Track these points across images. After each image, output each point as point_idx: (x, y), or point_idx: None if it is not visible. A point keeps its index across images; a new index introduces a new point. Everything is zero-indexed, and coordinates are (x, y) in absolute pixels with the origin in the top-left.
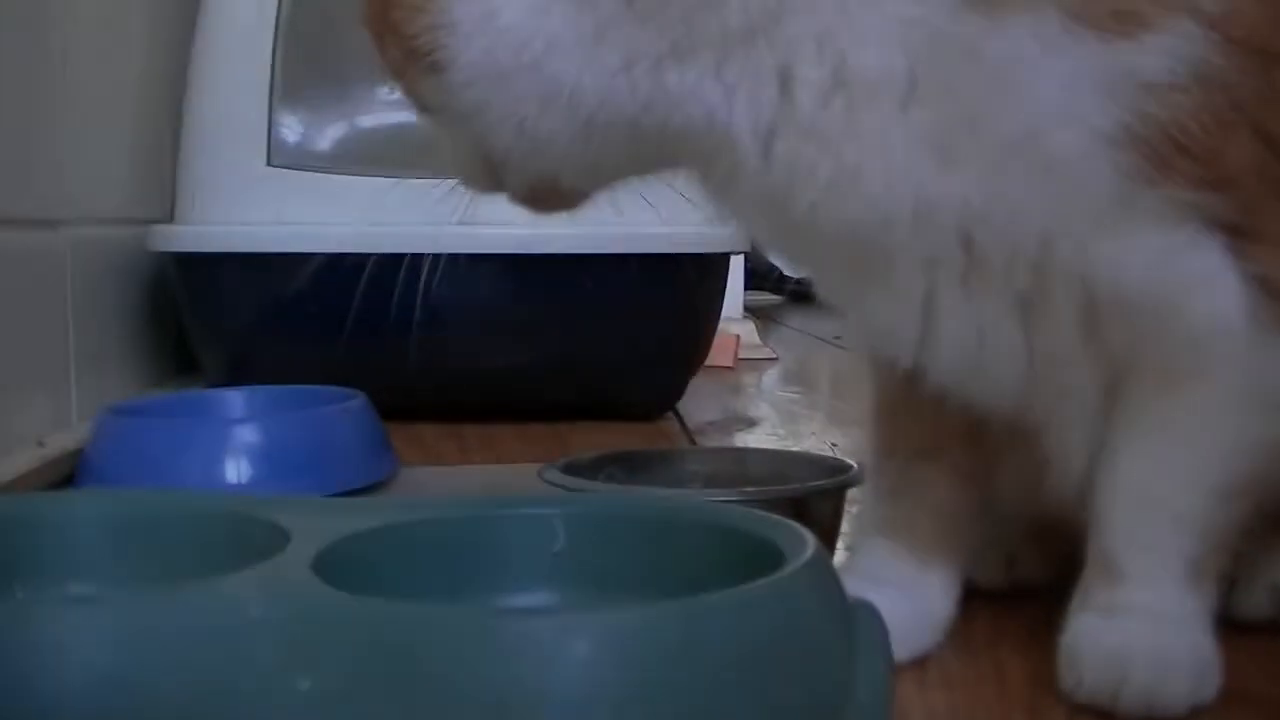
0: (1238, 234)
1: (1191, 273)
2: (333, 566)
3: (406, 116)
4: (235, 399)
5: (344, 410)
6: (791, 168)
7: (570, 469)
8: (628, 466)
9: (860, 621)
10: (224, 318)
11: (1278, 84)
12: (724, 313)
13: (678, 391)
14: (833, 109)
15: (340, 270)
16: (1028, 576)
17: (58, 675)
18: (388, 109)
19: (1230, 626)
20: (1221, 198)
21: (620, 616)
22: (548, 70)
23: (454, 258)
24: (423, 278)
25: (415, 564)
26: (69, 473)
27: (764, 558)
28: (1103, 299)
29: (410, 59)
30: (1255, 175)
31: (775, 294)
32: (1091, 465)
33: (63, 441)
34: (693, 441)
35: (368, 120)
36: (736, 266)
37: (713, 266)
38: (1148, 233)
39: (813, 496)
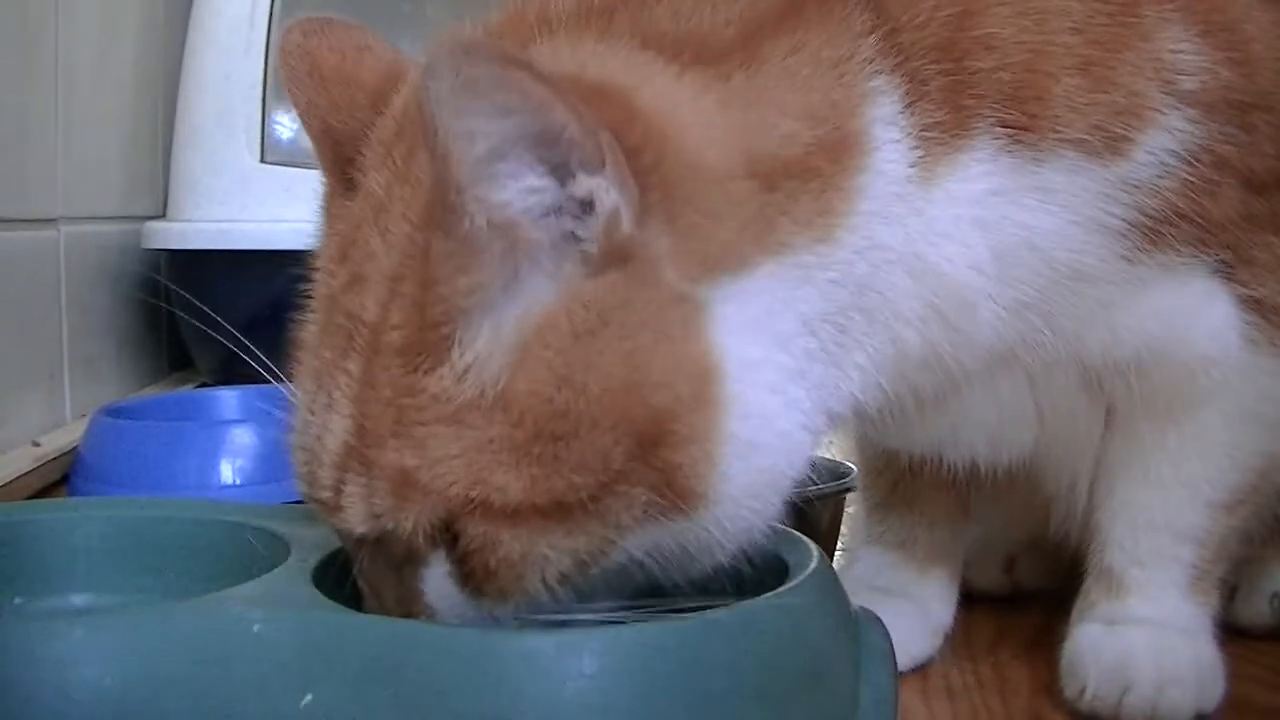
0: (1226, 262)
1: (1188, 304)
2: (333, 577)
3: None
4: (230, 399)
5: None
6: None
7: None
8: None
9: (865, 631)
10: (218, 315)
11: (1256, 126)
12: None
13: None
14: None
15: None
16: (1028, 580)
17: (61, 691)
18: None
19: (1233, 634)
20: (1211, 244)
21: (624, 635)
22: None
23: None
24: None
25: None
26: (64, 473)
27: (769, 567)
28: (1098, 362)
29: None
30: (1241, 217)
31: None
32: (1091, 487)
33: (58, 441)
34: None
35: None
36: None
37: None
38: (1145, 288)
39: (813, 500)
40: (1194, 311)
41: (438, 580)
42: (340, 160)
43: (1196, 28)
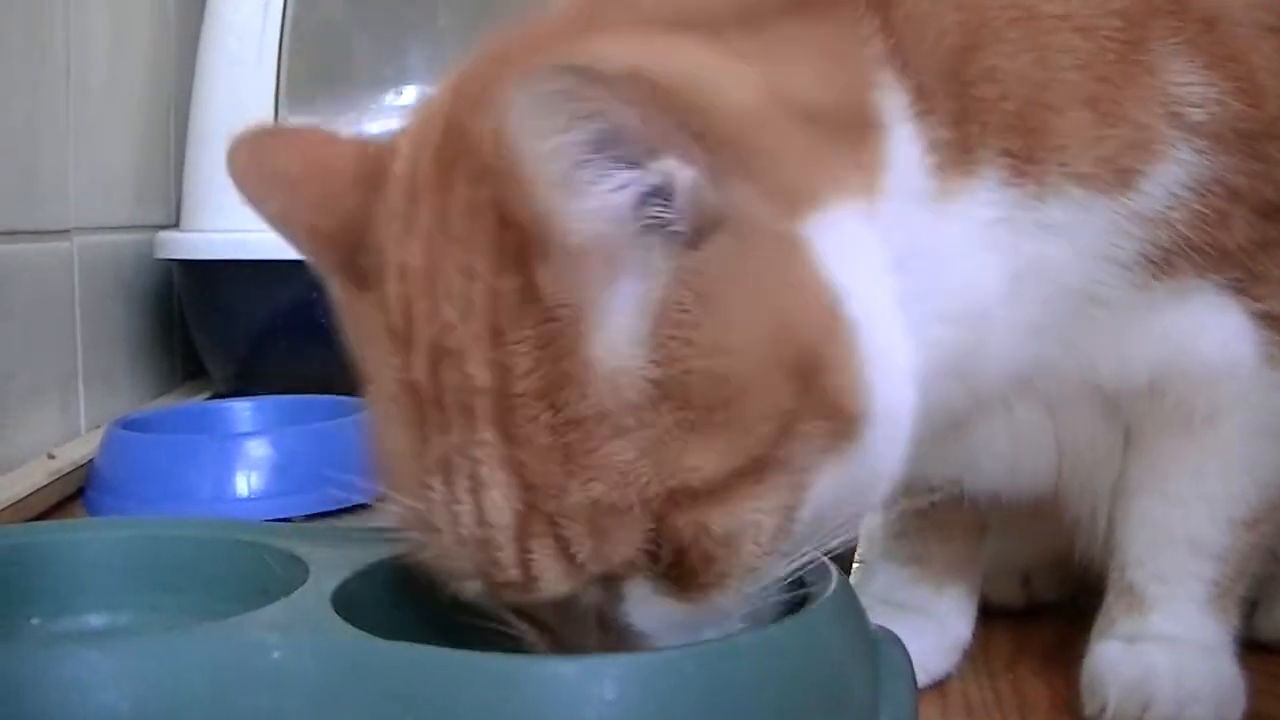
0: (1239, 280)
1: (1194, 319)
2: (353, 600)
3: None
4: (244, 411)
5: (355, 422)
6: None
7: None
8: None
9: (884, 650)
10: (231, 325)
11: (1268, 154)
12: None
13: None
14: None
15: None
16: (1044, 593)
17: (75, 715)
18: (392, 114)
19: (1253, 650)
20: (1224, 269)
21: (644, 659)
22: None
23: None
24: None
25: (437, 594)
26: (79, 486)
27: (789, 586)
28: (1111, 385)
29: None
30: (1254, 243)
31: None
32: (1111, 504)
33: (72, 453)
34: None
35: (373, 125)
36: None
37: None
38: (1152, 312)
39: None
40: (1200, 326)
41: (642, 602)
42: (342, 256)
43: (1202, 60)
